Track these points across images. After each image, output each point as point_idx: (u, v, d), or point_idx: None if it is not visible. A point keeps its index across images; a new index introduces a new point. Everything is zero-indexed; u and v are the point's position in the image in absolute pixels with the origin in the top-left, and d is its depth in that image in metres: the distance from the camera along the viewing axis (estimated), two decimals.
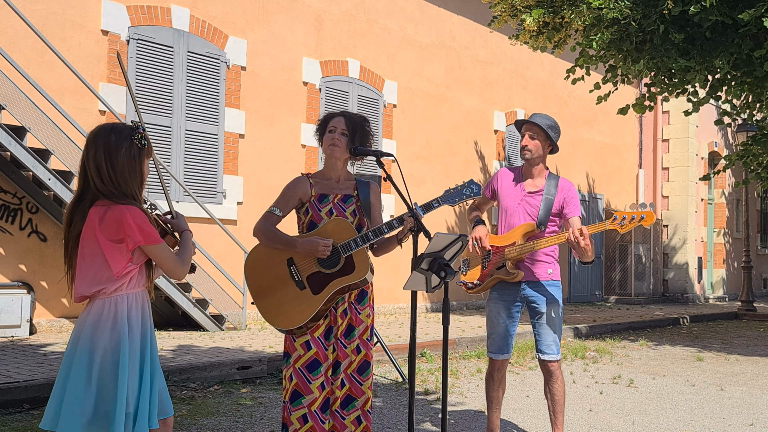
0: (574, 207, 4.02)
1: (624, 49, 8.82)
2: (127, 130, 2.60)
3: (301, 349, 3.23)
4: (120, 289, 2.56)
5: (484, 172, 13.77)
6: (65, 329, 8.24)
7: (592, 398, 5.95)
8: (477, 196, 3.43)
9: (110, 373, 2.51)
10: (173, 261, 2.64)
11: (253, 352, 6.90)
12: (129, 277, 2.57)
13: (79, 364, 2.52)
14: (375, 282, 3.62)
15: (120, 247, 2.52)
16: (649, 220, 3.75)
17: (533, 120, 4.06)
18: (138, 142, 2.60)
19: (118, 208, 2.52)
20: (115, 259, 2.52)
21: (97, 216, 2.52)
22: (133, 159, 2.58)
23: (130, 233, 2.50)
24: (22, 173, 7.86)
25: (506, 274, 4.03)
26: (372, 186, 3.49)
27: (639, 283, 16.98)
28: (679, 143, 17.86)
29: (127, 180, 2.57)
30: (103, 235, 2.50)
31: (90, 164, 2.57)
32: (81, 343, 2.53)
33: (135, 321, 2.59)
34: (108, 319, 2.53)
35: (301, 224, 3.43)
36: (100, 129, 2.62)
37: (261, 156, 10.12)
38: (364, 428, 3.33)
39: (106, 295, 2.55)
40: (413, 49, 12.44)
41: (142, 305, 2.64)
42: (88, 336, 2.52)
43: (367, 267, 3.27)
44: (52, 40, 7.93)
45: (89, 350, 2.51)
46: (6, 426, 4.47)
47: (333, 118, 3.41)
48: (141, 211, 2.56)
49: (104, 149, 2.55)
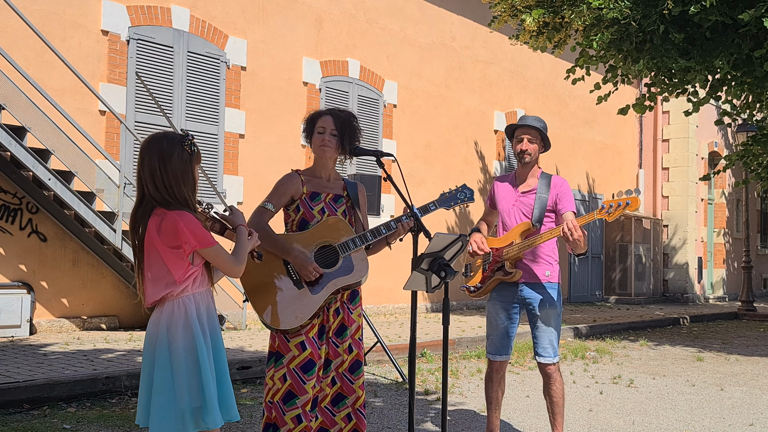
0: (567, 202, 4.02)
1: (624, 49, 8.82)
2: (178, 137, 2.71)
3: (296, 349, 3.18)
4: (186, 290, 2.68)
5: (484, 172, 13.77)
6: (65, 329, 8.24)
7: (592, 398, 5.95)
8: (470, 201, 3.48)
9: (192, 369, 2.63)
10: (228, 261, 2.73)
11: (253, 352, 6.90)
12: (192, 278, 2.69)
13: (162, 364, 2.63)
14: (375, 282, 3.62)
15: (179, 252, 2.63)
16: (633, 204, 3.76)
17: (528, 123, 4.05)
18: (188, 148, 2.70)
19: (171, 216, 2.62)
20: (175, 265, 2.64)
21: (154, 225, 2.64)
22: (185, 164, 2.69)
23: (185, 239, 2.61)
24: (22, 173, 7.86)
25: (504, 274, 4.04)
26: (359, 187, 3.50)
27: (639, 283, 16.97)
28: (679, 143, 17.86)
29: (180, 185, 2.67)
30: (162, 242, 2.62)
31: (145, 171, 2.68)
32: (159, 342, 2.65)
33: (204, 318, 2.71)
34: (180, 318, 2.65)
35: (290, 221, 3.36)
36: (153, 137, 2.73)
37: (261, 156, 10.12)
38: (354, 426, 3.31)
39: (174, 297, 2.67)
40: (413, 49, 12.44)
41: (207, 304, 2.76)
42: (164, 336, 2.65)
43: (366, 267, 3.26)
44: (52, 40, 7.93)
45: (168, 349, 2.63)
46: (6, 426, 4.47)
47: (320, 118, 3.36)
48: (193, 216, 2.66)
49: (158, 156, 2.66)
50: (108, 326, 8.62)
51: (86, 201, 7.71)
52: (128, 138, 8.64)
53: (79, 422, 4.66)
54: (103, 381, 5.45)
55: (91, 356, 6.44)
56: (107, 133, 8.63)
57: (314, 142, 3.36)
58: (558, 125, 15.27)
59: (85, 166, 7.99)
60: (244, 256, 2.78)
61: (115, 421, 4.70)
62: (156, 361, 2.64)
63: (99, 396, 5.36)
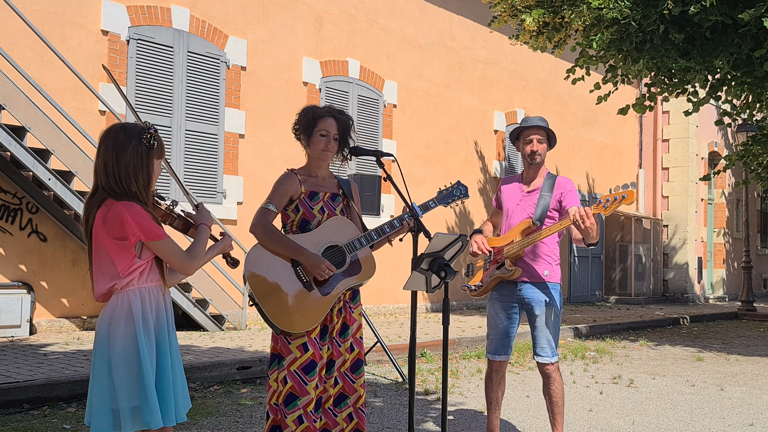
0: (572, 199, 4.02)
1: (624, 49, 8.82)
2: (137, 130, 2.64)
3: (297, 351, 3.16)
4: (131, 284, 2.60)
5: (484, 172, 13.77)
6: (65, 329, 8.24)
7: (592, 398, 5.95)
8: (465, 197, 3.52)
9: (132, 366, 2.54)
10: (178, 256, 2.65)
11: (253, 352, 6.90)
12: (138, 272, 2.60)
13: (100, 359, 2.57)
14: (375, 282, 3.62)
15: (124, 244, 2.55)
16: (629, 197, 3.75)
17: (535, 124, 4.05)
18: (147, 141, 2.62)
19: (116, 206, 2.54)
20: (119, 257, 2.56)
21: (101, 216, 2.57)
22: (140, 157, 2.60)
23: (131, 231, 2.53)
24: (22, 173, 7.86)
25: (504, 272, 4.04)
26: (352, 185, 3.51)
27: (639, 283, 16.97)
28: (679, 143, 17.86)
29: (131, 178, 2.59)
30: (107, 234, 2.55)
31: (99, 161, 2.62)
32: (100, 339, 2.59)
33: (150, 315, 2.62)
34: (122, 313, 2.57)
35: (290, 222, 3.35)
36: (111, 128, 2.67)
37: (261, 156, 10.12)
38: (356, 425, 3.31)
39: (118, 290, 2.59)
40: (413, 49, 12.44)
41: (157, 300, 2.66)
42: (105, 331, 2.58)
43: (373, 267, 3.26)
44: (52, 40, 7.93)
45: (108, 345, 2.56)
46: (6, 426, 4.47)
47: (323, 119, 3.31)
48: (141, 208, 2.58)
49: (112, 147, 2.60)
50: None
51: None
52: None
53: (79, 422, 4.66)
54: None
55: (91, 356, 6.43)
56: None
57: (316, 144, 3.31)
58: (558, 125, 15.27)
59: (85, 166, 7.99)
60: (198, 254, 2.70)
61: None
62: (95, 357, 2.58)
63: None
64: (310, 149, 3.36)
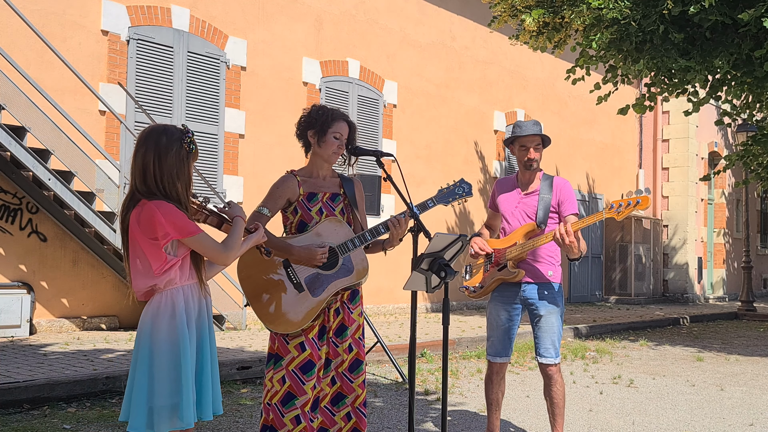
0: (570, 205, 4.03)
1: (624, 49, 8.81)
2: (178, 133, 2.66)
3: (295, 350, 3.17)
4: (173, 282, 2.63)
5: (484, 173, 13.77)
6: (65, 329, 8.24)
7: (592, 398, 5.95)
8: (468, 195, 3.46)
9: (173, 364, 2.57)
10: (214, 248, 2.67)
11: (253, 352, 6.90)
12: (175, 270, 2.62)
13: (142, 357, 2.59)
14: (375, 282, 3.62)
15: (157, 243, 2.58)
16: (644, 203, 3.73)
17: (530, 132, 4.04)
18: (187, 145, 2.65)
19: (148, 206, 2.57)
20: (153, 257, 2.59)
21: (135, 217, 2.59)
22: (182, 161, 2.64)
23: (163, 229, 2.55)
24: (22, 173, 7.86)
25: (507, 274, 4.03)
26: (356, 183, 3.48)
27: (639, 283, 16.97)
28: (679, 143, 17.86)
29: (174, 181, 2.62)
30: (141, 234, 2.58)
31: (137, 163, 2.63)
32: (143, 337, 2.61)
33: (193, 312, 2.66)
34: (165, 312, 2.60)
35: (289, 224, 3.35)
36: (152, 129, 2.67)
37: (261, 156, 10.12)
38: (354, 425, 3.30)
39: (161, 289, 2.62)
40: (413, 49, 12.44)
41: (198, 298, 2.70)
42: (148, 330, 2.60)
43: (366, 268, 3.25)
44: (52, 40, 7.93)
45: (150, 343, 2.58)
46: (6, 426, 4.47)
47: (338, 122, 3.30)
48: (173, 206, 2.59)
49: (154, 150, 2.61)
50: (108, 326, 8.62)
51: (86, 201, 7.71)
52: (128, 138, 8.62)
53: (79, 422, 4.66)
54: (103, 381, 5.45)
55: (91, 356, 6.44)
56: (107, 133, 8.64)
57: (328, 145, 3.29)
58: (558, 125, 15.27)
59: (85, 166, 7.99)
60: (234, 245, 2.72)
61: (115, 421, 4.70)
62: (137, 354, 2.59)
63: (99, 396, 5.36)
64: (321, 149, 3.31)
